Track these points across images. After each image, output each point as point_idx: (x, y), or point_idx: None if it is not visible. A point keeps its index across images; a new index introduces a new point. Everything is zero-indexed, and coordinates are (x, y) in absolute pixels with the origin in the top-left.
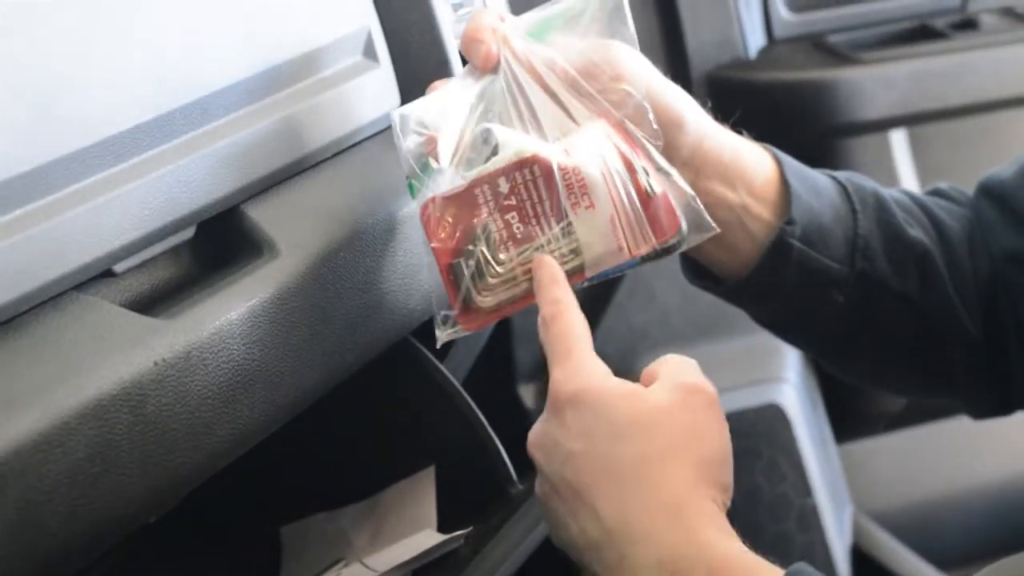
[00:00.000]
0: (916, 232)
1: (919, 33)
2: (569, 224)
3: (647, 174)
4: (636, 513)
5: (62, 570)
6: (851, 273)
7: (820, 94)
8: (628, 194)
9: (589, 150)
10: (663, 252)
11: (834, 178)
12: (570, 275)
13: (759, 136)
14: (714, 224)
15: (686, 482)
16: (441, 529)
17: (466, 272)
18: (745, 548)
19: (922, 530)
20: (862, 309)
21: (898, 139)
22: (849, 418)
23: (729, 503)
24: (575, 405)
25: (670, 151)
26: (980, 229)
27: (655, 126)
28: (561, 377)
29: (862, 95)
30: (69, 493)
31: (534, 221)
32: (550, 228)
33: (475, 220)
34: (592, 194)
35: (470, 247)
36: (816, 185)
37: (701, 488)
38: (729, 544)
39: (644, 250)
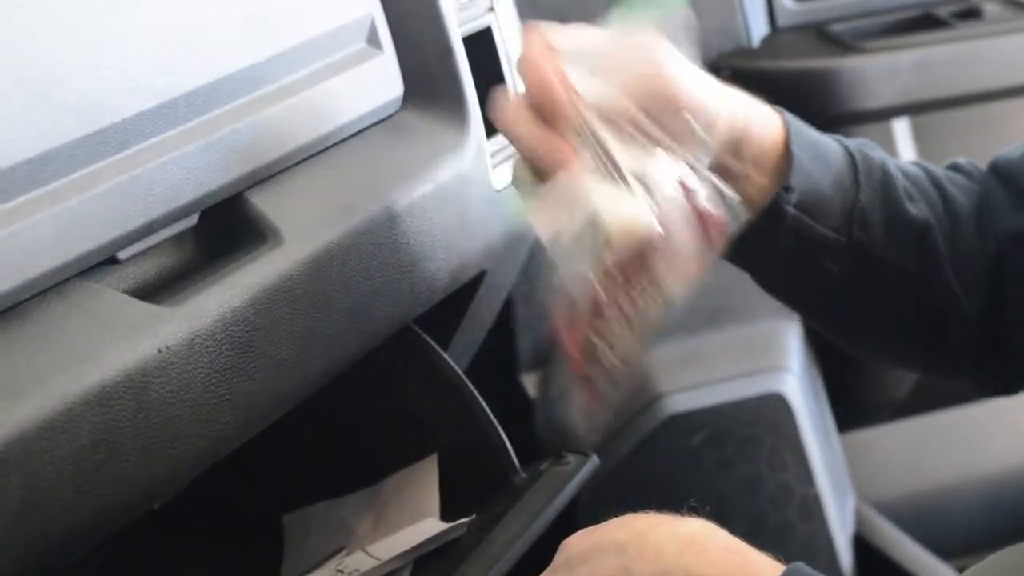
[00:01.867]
0: (919, 207)
1: (922, 22)
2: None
3: (708, 199)
4: None
5: (65, 556)
6: (846, 243)
7: (823, 83)
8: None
9: (669, 198)
10: None
11: (845, 146)
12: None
13: None
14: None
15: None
16: (443, 518)
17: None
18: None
19: (925, 520)
20: (857, 280)
21: (901, 128)
22: (852, 407)
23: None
24: (584, 557)
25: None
26: (988, 207)
27: (708, 139)
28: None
29: (865, 84)
30: (73, 480)
31: (635, 290)
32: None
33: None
34: (679, 247)
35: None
36: (823, 152)
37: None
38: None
39: None
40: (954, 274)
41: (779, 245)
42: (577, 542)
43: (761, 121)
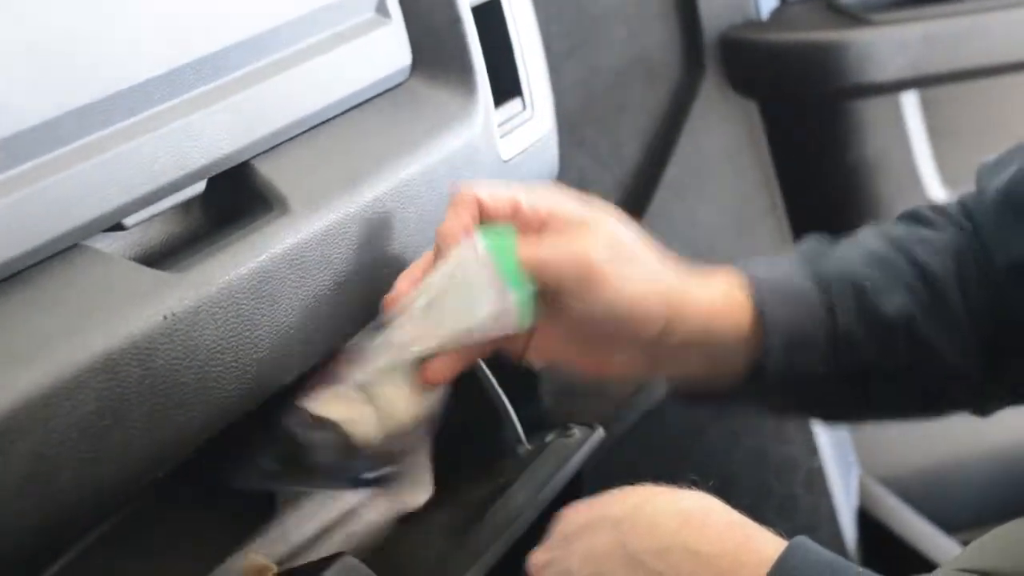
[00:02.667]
0: (895, 302)
1: None
2: None
3: None
4: None
5: (71, 524)
6: (836, 371)
7: (832, 55)
8: None
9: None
10: None
11: (810, 272)
12: None
13: (770, 97)
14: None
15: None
16: (449, 489)
17: None
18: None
19: (930, 493)
20: (852, 392)
21: (909, 101)
22: None
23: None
24: (579, 534)
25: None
26: (980, 241)
27: None
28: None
29: (874, 57)
30: (78, 447)
31: None
32: None
33: None
34: None
35: None
36: (792, 294)
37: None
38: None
39: None
40: (947, 346)
41: (768, 395)
42: (573, 516)
43: (723, 307)
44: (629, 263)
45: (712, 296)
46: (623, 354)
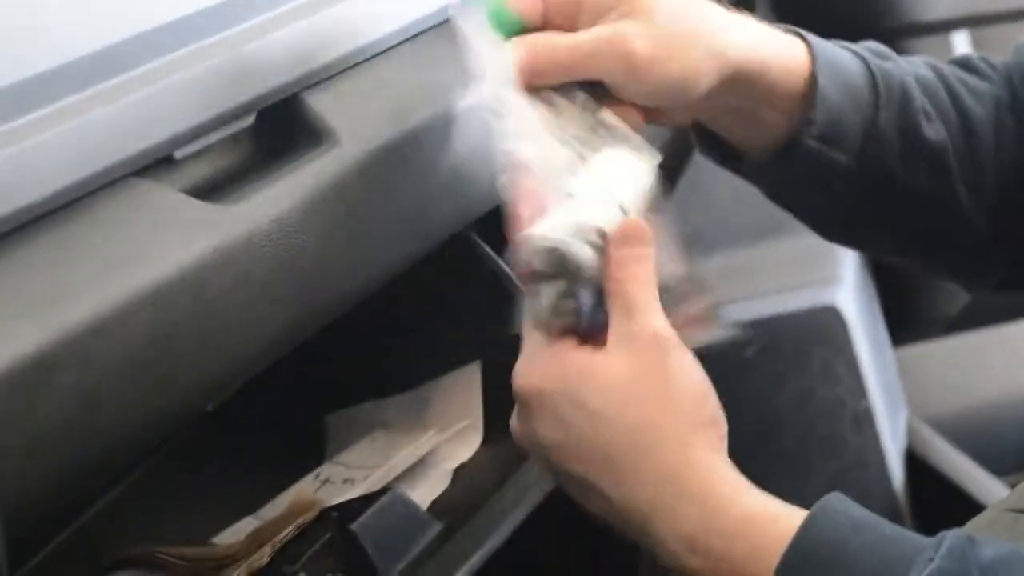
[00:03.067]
0: (936, 128)
1: None
2: None
3: None
4: (641, 493)
5: (120, 455)
6: (859, 167)
7: None
8: None
9: None
10: None
11: (865, 62)
12: None
13: (819, 34)
14: (735, 330)
15: (678, 445)
16: (487, 425)
17: None
18: (760, 497)
19: (978, 435)
20: (865, 195)
21: (960, 41)
22: (906, 321)
23: (725, 429)
24: (540, 400)
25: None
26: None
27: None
28: (520, 372)
29: None
30: (128, 379)
31: None
32: None
33: None
34: None
35: None
36: (844, 75)
37: (695, 442)
38: (743, 500)
39: None
40: (966, 190)
41: (790, 171)
42: (525, 386)
43: (784, 60)
44: (679, 39)
45: (776, 60)
46: (667, 113)
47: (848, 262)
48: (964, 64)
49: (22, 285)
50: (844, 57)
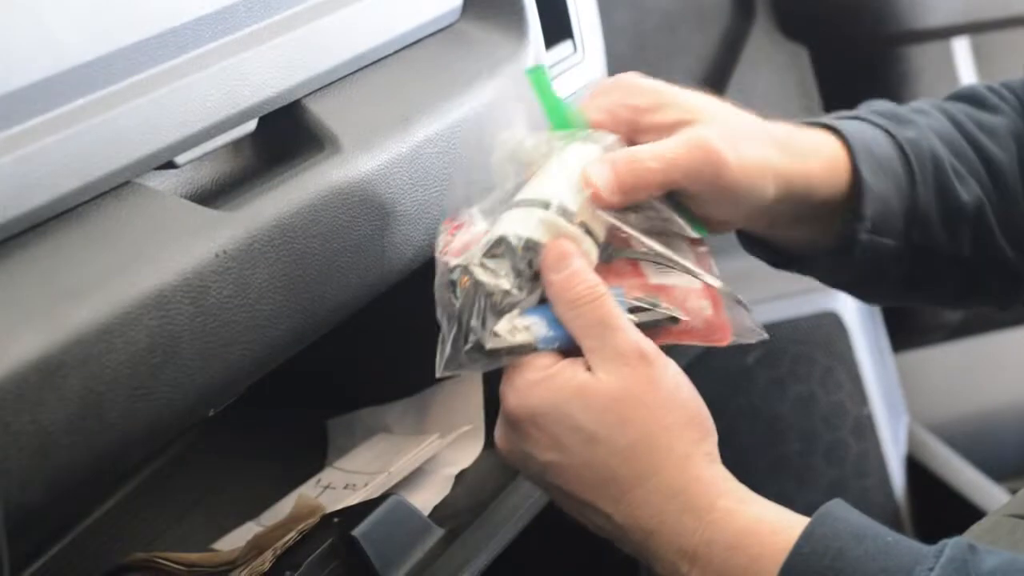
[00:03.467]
0: (970, 188)
1: None
2: None
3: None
4: (642, 510)
5: (121, 460)
6: (907, 247)
7: (883, 0)
8: None
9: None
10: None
11: (889, 134)
12: None
13: (820, 42)
14: (763, 332)
15: (676, 458)
16: (492, 430)
17: None
18: (761, 508)
19: (978, 441)
20: (913, 272)
21: (961, 47)
22: (907, 327)
23: (716, 438)
24: (534, 422)
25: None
26: None
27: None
28: (511, 395)
29: (925, 1)
30: (130, 383)
31: None
32: None
33: None
34: None
35: None
36: (882, 161)
37: (692, 455)
38: (745, 512)
39: None
40: (1006, 241)
41: (843, 265)
42: (516, 402)
43: (825, 157)
44: (743, 140)
45: (818, 163)
46: (734, 220)
47: None
48: (971, 99)
49: (25, 290)
50: (875, 140)
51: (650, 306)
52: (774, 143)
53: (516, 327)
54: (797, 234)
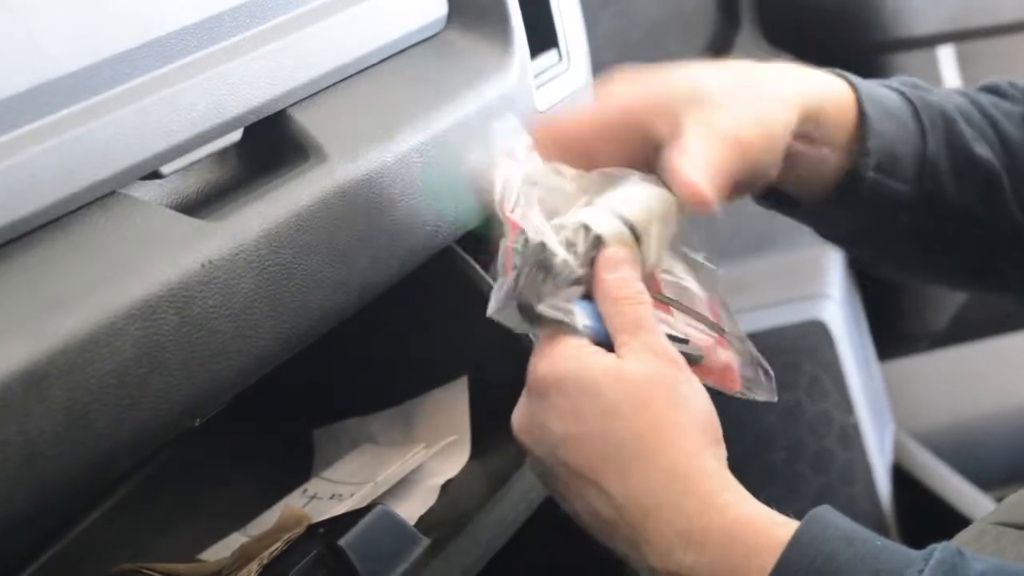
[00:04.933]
0: (983, 150)
1: None
2: None
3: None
4: (645, 487)
5: (108, 471)
6: (919, 194)
7: (868, 8)
8: None
9: None
10: None
11: (902, 94)
12: None
13: (806, 51)
14: (775, 394)
15: (687, 448)
16: (476, 437)
17: None
18: (757, 505)
19: (964, 449)
20: (924, 225)
21: (946, 56)
22: (892, 336)
23: (725, 456)
24: (560, 389)
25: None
26: None
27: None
28: (543, 362)
29: (911, 10)
30: (116, 393)
31: None
32: None
33: None
34: None
35: None
36: (887, 107)
37: (702, 450)
38: (742, 505)
39: None
40: (1020, 212)
41: (853, 207)
42: (544, 370)
43: (834, 96)
44: (748, 90)
45: (824, 95)
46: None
47: (835, 277)
48: (993, 90)
49: (11, 300)
50: (883, 91)
51: (682, 340)
52: (780, 83)
53: (561, 308)
54: (804, 174)
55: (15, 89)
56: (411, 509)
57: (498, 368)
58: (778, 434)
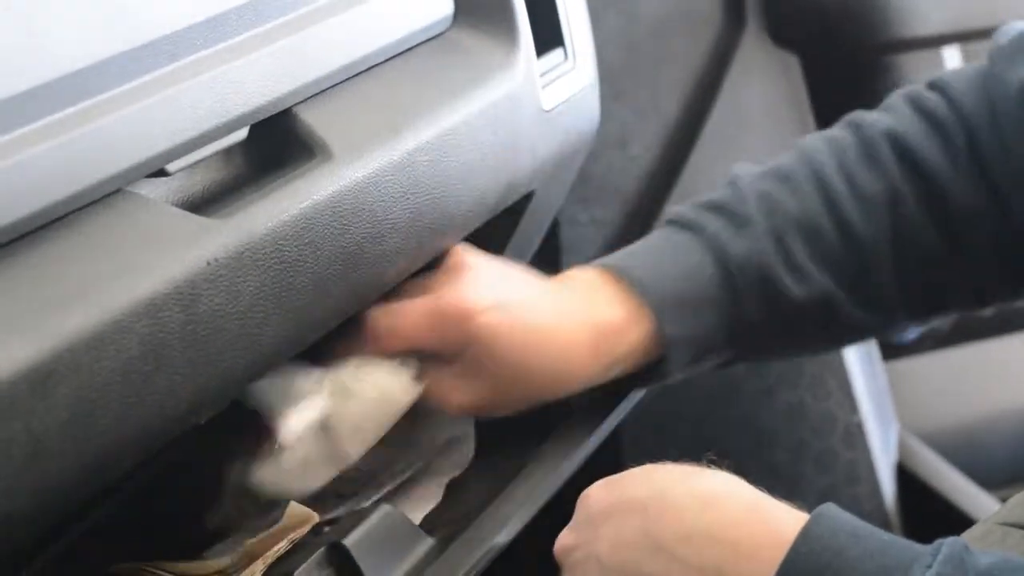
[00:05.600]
0: (814, 279)
1: None
2: None
3: None
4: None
5: (113, 468)
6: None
7: (873, 9)
8: None
9: None
10: None
11: (713, 262)
12: None
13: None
14: None
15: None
16: (484, 442)
17: None
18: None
19: (968, 449)
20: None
21: (951, 56)
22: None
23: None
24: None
25: None
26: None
27: None
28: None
29: (916, 11)
30: (121, 391)
31: None
32: None
33: None
34: None
35: None
36: (691, 301)
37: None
38: (768, 495)
39: None
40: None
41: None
42: (598, 497)
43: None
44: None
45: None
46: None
47: None
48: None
49: (15, 298)
50: (683, 281)
51: None
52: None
53: None
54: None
55: (21, 87)
56: (416, 508)
57: None
58: (781, 434)
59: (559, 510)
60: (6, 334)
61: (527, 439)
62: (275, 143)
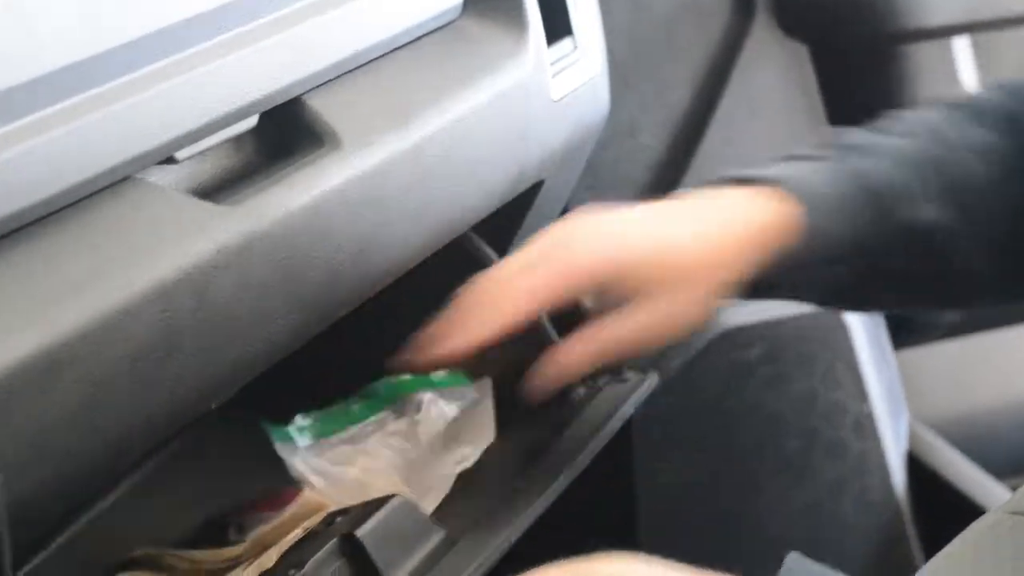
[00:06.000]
0: (932, 212)
1: None
2: None
3: None
4: None
5: (123, 455)
6: (869, 277)
7: None
8: None
9: None
10: None
11: (851, 178)
12: None
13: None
14: None
15: None
16: (499, 431)
17: None
18: None
19: (979, 439)
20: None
21: (962, 47)
22: (907, 325)
23: None
24: None
25: None
26: None
27: None
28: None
29: (926, 1)
30: (131, 378)
31: None
32: None
33: None
34: None
35: None
36: (838, 206)
37: None
38: None
39: None
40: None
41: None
42: None
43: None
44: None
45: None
46: None
47: None
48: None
49: (25, 285)
50: (830, 189)
51: None
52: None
53: None
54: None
55: (30, 75)
56: (427, 499)
57: (523, 356)
58: (792, 423)
59: (571, 503)
60: (15, 321)
61: (538, 431)
62: (284, 131)
